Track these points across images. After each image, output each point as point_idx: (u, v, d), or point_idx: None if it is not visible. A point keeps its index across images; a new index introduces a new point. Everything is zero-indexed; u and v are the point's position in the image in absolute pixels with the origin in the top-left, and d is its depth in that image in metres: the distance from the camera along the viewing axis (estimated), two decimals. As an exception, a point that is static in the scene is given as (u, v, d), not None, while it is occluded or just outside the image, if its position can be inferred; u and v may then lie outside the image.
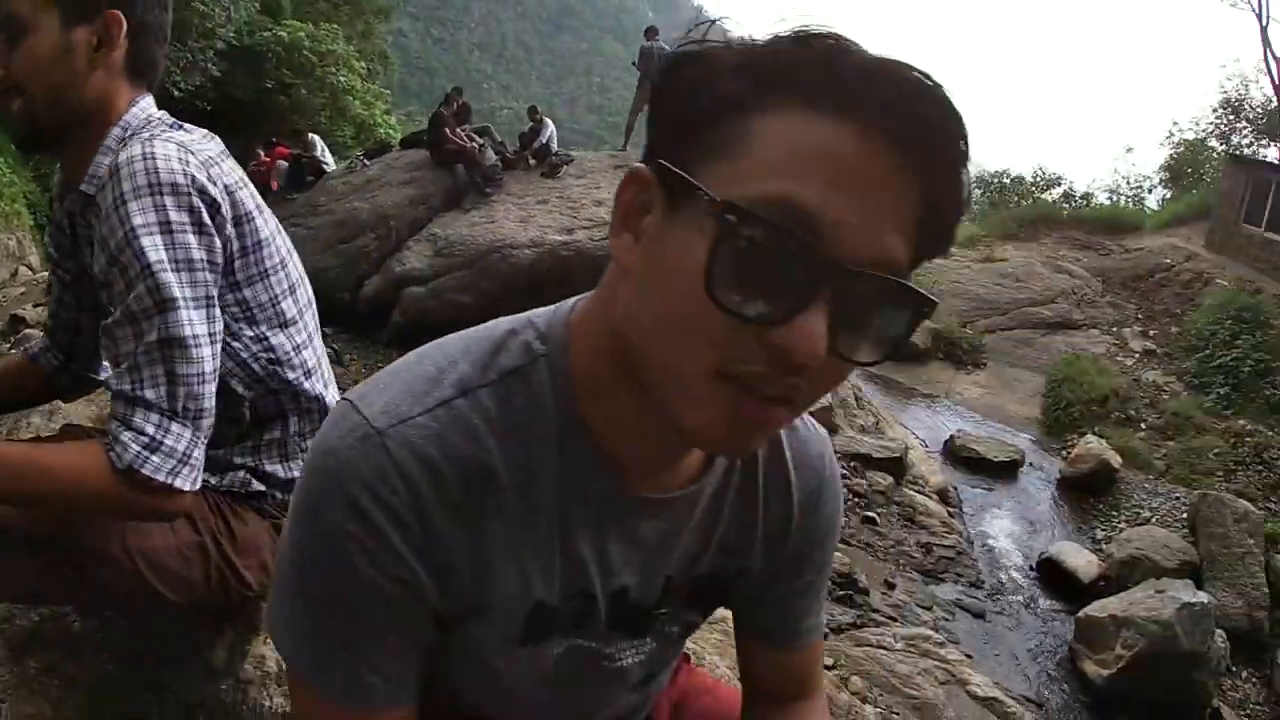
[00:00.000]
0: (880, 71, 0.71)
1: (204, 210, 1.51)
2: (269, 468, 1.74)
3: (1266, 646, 8.92)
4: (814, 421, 1.19)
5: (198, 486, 1.48)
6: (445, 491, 0.86)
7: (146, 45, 1.67)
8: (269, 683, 1.89)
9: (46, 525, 1.52)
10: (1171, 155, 30.19)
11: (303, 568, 0.89)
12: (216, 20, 21.71)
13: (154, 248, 1.44)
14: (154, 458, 1.41)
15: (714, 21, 0.83)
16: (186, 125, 1.70)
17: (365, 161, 14.84)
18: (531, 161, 14.34)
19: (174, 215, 1.47)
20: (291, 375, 1.74)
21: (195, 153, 1.57)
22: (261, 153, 16.99)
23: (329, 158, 17.07)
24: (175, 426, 1.43)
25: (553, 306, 0.99)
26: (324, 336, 1.88)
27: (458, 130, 13.79)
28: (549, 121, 14.89)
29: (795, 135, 0.72)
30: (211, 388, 1.48)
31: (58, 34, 1.56)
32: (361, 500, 0.84)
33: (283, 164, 16.71)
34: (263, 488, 1.73)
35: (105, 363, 1.63)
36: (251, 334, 1.69)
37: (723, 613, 1.25)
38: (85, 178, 1.62)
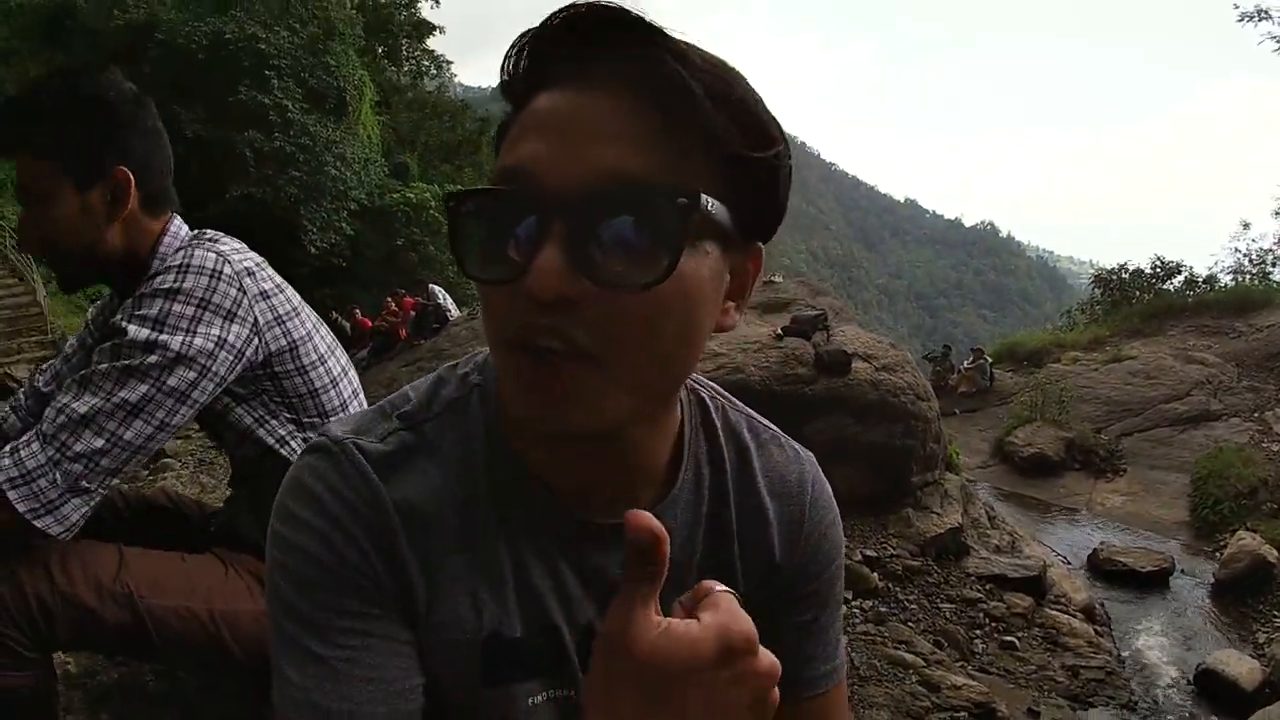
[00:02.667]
0: (540, 40, 0.80)
1: (229, 320, 1.73)
2: None
3: None
4: (796, 445, 1.15)
5: (66, 536, 1.62)
6: (398, 504, 0.89)
7: (154, 181, 1.90)
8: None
9: (136, 586, 1.72)
10: (1288, 222, 28.92)
11: (280, 591, 0.89)
12: (349, 183, 23.67)
13: (139, 340, 1.65)
14: (23, 489, 1.56)
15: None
16: (221, 236, 1.93)
17: None
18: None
19: (179, 323, 1.68)
20: None
21: (232, 262, 1.79)
22: (392, 303, 17.98)
23: (452, 306, 17.95)
24: (57, 476, 1.58)
25: None
26: None
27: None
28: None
29: (515, 125, 0.82)
30: (107, 464, 1.62)
31: (74, 199, 1.81)
32: (325, 497, 0.88)
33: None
34: None
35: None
36: (290, 426, 1.91)
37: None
38: (146, 280, 1.82)
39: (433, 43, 41.31)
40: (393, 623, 0.89)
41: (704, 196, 0.76)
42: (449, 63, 44.82)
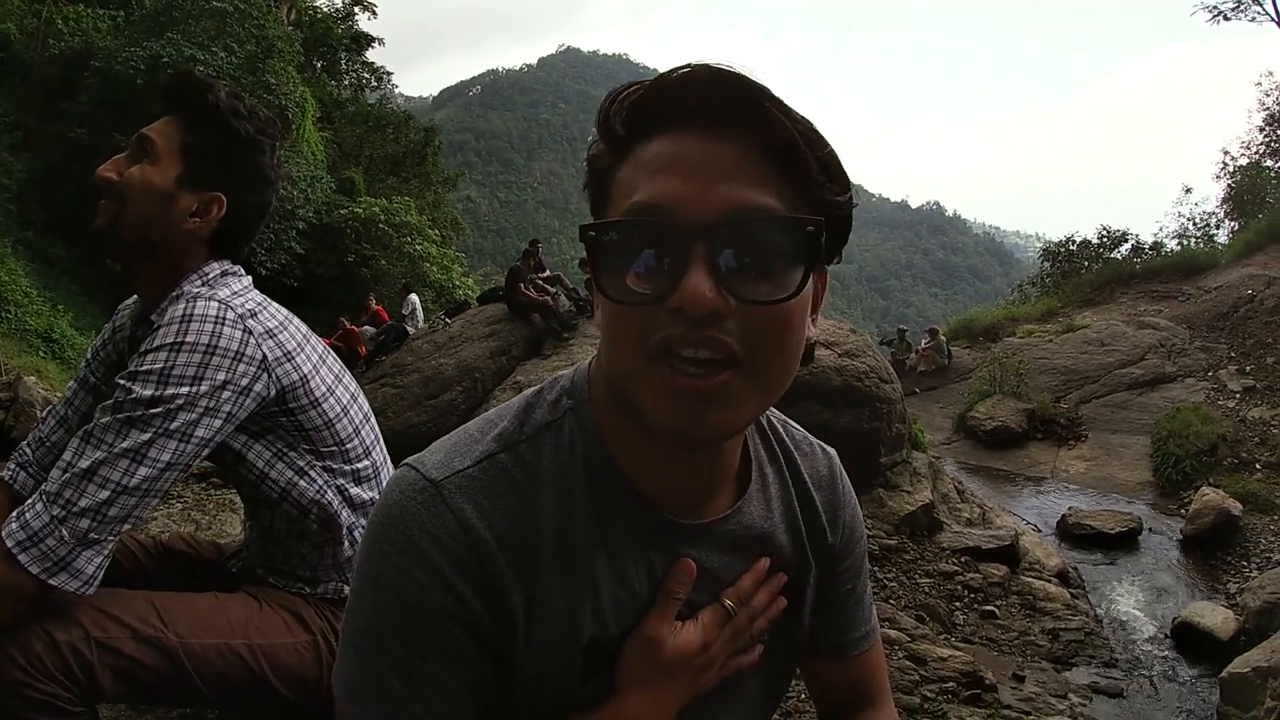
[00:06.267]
0: (663, 91, 0.90)
1: (237, 360, 1.73)
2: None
3: None
4: (820, 442, 1.32)
5: (86, 590, 1.61)
6: (497, 533, 0.96)
7: (235, 228, 1.96)
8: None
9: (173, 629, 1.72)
10: (1229, 185, 29.38)
11: (367, 621, 0.97)
12: (296, 202, 23.38)
13: (142, 397, 1.64)
14: (33, 551, 1.55)
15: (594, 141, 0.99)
16: (231, 279, 1.94)
17: (447, 320, 15.57)
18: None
19: (185, 372, 1.67)
20: (355, 490, 1.97)
21: (234, 306, 1.80)
22: (345, 321, 18.01)
23: (419, 318, 18.15)
24: (64, 533, 1.57)
25: (574, 366, 1.14)
26: None
27: (532, 283, 14.53)
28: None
29: (634, 165, 0.92)
30: (115, 513, 1.61)
31: (171, 182, 1.88)
32: (423, 543, 0.93)
33: (368, 329, 17.83)
34: None
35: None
36: (309, 457, 1.92)
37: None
38: (157, 311, 1.85)
39: (372, 55, 41.13)
40: (476, 666, 0.98)
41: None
42: (389, 74, 44.41)
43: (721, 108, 0.88)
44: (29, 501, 1.60)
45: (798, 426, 1.30)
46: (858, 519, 1.32)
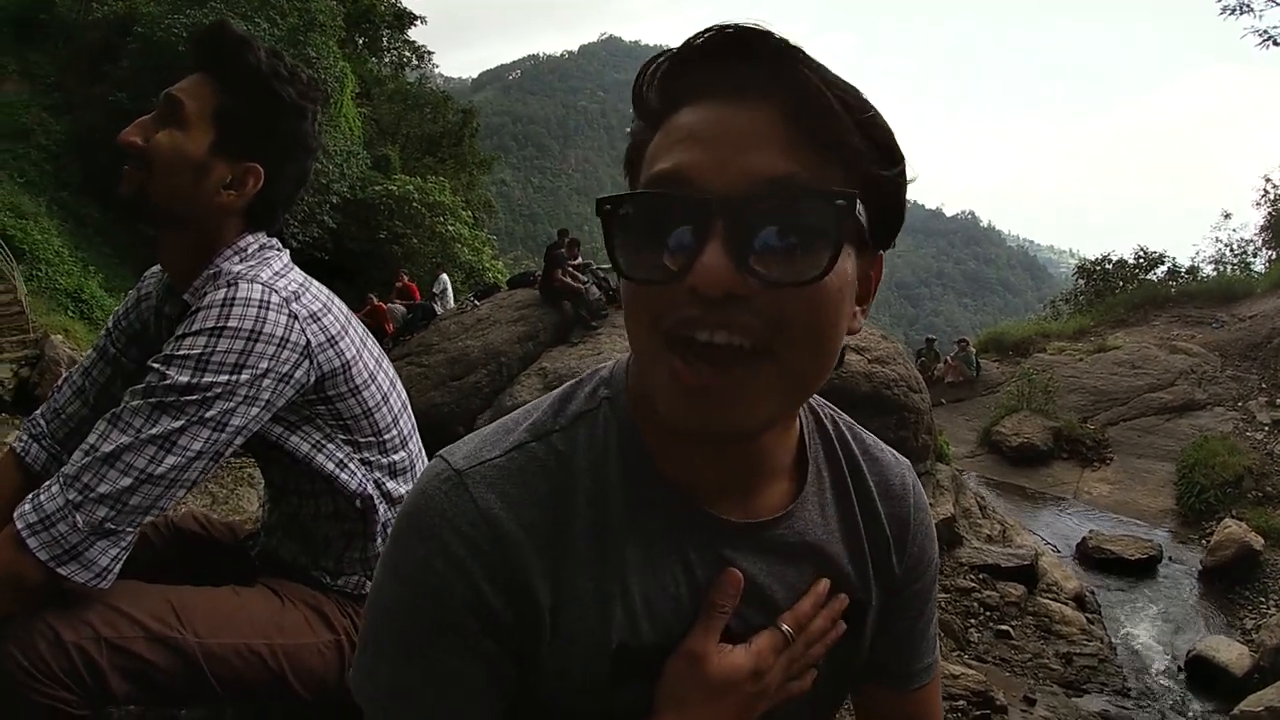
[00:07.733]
0: (689, 57, 0.85)
1: (281, 346, 1.64)
2: None
3: None
4: (893, 451, 1.21)
5: (100, 583, 1.52)
6: (524, 522, 0.92)
7: (272, 199, 1.84)
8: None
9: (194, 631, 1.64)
10: (1270, 213, 28.82)
11: (387, 611, 0.96)
12: (331, 176, 23.48)
13: (178, 383, 1.55)
14: (43, 535, 1.47)
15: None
16: (270, 255, 1.84)
17: (476, 302, 15.54)
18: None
19: (226, 359, 1.58)
20: (391, 484, 1.88)
21: (278, 289, 1.70)
22: (374, 298, 18.20)
23: (449, 298, 18.25)
24: (78, 520, 1.48)
25: (615, 359, 1.08)
26: None
27: (568, 270, 14.42)
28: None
29: (662, 136, 0.86)
30: (137, 502, 1.52)
31: (204, 151, 1.74)
32: (444, 534, 0.90)
33: (397, 307, 17.88)
34: None
35: None
36: (348, 448, 1.83)
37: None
38: (190, 289, 1.77)
39: (414, 33, 40.96)
40: (495, 663, 0.94)
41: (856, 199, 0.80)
42: (430, 53, 44.14)
43: (749, 72, 0.81)
44: (46, 483, 1.53)
45: (869, 432, 1.20)
46: (930, 539, 1.20)
